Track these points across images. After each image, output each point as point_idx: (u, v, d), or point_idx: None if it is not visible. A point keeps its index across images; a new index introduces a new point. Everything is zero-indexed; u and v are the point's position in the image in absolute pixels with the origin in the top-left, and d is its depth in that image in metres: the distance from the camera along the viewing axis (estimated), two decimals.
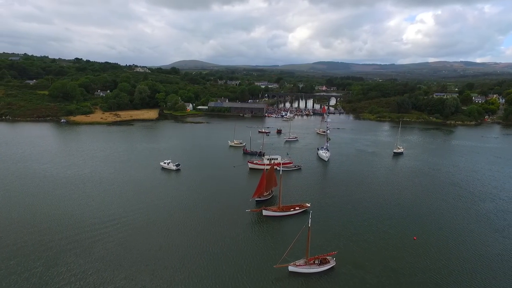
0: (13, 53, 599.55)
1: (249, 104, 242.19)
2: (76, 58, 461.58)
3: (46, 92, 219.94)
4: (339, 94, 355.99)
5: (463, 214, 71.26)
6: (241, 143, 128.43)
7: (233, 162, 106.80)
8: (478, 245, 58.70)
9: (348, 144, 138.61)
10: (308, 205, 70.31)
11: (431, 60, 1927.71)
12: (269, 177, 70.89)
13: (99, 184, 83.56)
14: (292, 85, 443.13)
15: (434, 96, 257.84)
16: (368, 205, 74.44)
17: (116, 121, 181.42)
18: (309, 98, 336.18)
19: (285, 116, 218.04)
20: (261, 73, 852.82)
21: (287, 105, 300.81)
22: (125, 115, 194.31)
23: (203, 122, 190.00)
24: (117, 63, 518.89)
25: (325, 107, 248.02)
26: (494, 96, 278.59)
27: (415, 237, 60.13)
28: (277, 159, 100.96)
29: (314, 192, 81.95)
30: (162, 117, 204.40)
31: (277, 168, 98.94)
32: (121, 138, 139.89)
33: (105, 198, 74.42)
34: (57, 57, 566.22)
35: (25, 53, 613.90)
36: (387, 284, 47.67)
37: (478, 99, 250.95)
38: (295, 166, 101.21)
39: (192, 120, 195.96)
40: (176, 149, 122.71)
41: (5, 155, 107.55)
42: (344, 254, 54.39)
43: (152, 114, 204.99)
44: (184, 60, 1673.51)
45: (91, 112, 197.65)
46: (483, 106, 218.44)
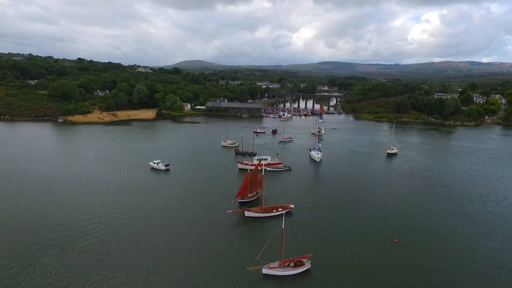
0: (18, 53, 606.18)
1: (247, 104, 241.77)
2: (79, 58, 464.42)
3: (46, 92, 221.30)
4: (340, 94, 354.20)
5: (450, 216, 70.24)
6: (234, 143, 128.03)
7: (224, 163, 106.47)
8: (461, 248, 57.75)
9: (343, 145, 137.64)
10: (292, 206, 69.68)
11: (437, 60, 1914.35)
12: (253, 178, 70.27)
13: (87, 184, 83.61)
14: (293, 85, 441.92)
15: (435, 96, 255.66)
16: (355, 207, 73.67)
17: (113, 121, 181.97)
18: (310, 98, 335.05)
19: (283, 116, 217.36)
20: (264, 73, 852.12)
21: (287, 105, 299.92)
22: (123, 115, 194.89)
23: (200, 122, 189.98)
24: (120, 63, 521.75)
25: (323, 107, 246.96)
26: (497, 96, 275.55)
27: (396, 240, 59.29)
28: (267, 160, 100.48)
29: (301, 193, 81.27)
30: (160, 117, 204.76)
31: (266, 169, 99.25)
32: (116, 138, 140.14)
33: (90, 198, 74.36)
34: (62, 58, 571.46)
35: (30, 53, 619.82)
36: (362, 287, 47.03)
37: (479, 100, 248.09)
38: (285, 167, 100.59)
39: (189, 120, 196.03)
40: (169, 149, 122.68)
41: None
42: (323, 256, 53.81)
43: (150, 114, 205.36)
44: (188, 61, 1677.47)
45: (89, 112, 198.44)
46: (483, 107, 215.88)
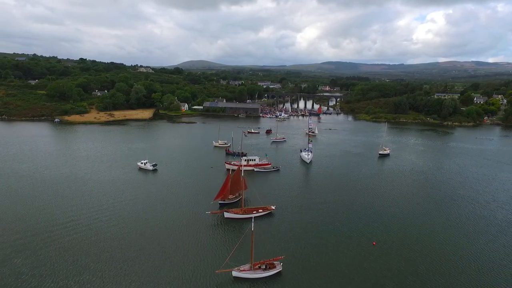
0: (23, 54, 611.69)
1: (244, 104, 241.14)
2: (81, 59, 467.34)
3: (45, 92, 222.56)
4: (340, 95, 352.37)
5: (433, 219, 69.16)
6: (226, 144, 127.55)
7: (214, 163, 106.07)
8: (440, 252, 56.71)
9: (336, 145, 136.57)
10: (273, 208, 69.04)
11: (442, 60, 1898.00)
12: (235, 180, 69.60)
13: (72, 184, 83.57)
14: (294, 86, 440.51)
15: (435, 97, 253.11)
16: (339, 209, 72.83)
17: (109, 121, 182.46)
18: (310, 99, 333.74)
19: (279, 117, 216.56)
20: (267, 73, 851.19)
21: (287, 106, 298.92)
22: (119, 115, 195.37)
23: (196, 122, 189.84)
24: (123, 63, 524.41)
25: (321, 108, 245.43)
26: (499, 97, 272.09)
27: (374, 243, 58.38)
28: (255, 160, 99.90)
29: (286, 194, 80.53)
30: (157, 117, 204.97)
31: (254, 169, 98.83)
32: (109, 138, 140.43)
33: (73, 199, 74.24)
34: (66, 58, 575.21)
35: (35, 54, 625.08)
36: None
37: (480, 100, 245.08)
38: (274, 167, 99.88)
39: (185, 120, 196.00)
40: (161, 149, 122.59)
41: None
42: (297, 259, 53.20)
43: (147, 114, 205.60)
44: (192, 61, 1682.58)
45: (86, 112, 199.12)
46: (483, 107, 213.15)
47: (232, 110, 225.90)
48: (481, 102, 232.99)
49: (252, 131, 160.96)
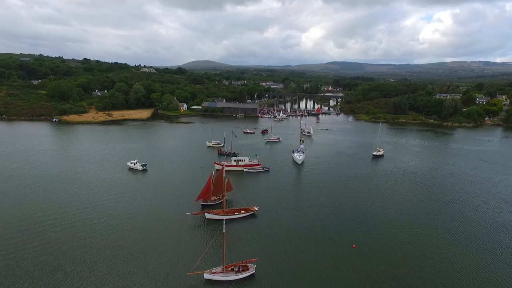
0: (29, 54, 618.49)
1: (243, 105, 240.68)
2: (84, 59, 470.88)
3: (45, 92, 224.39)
4: (341, 95, 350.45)
5: (421, 221, 68.04)
6: (219, 144, 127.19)
7: (205, 163, 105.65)
8: (420, 255, 55.66)
9: (330, 146, 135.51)
10: (256, 209, 68.43)
11: (448, 60, 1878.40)
12: (217, 181, 69.04)
13: (60, 184, 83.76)
14: (296, 86, 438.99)
15: (437, 97, 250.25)
16: (324, 210, 72.02)
17: (107, 121, 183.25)
18: (311, 99, 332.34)
19: (278, 117, 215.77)
20: (271, 74, 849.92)
21: (287, 106, 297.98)
22: (117, 115, 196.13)
23: (193, 122, 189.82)
24: (126, 64, 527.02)
25: (320, 108, 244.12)
26: (503, 97, 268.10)
27: (354, 245, 57.48)
28: (245, 161, 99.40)
29: (272, 195, 79.88)
30: (155, 117, 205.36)
31: (244, 170, 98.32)
32: (104, 138, 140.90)
33: (58, 198, 74.29)
34: (72, 58, 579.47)
35: (41, 54, 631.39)
36: None
37: (482, 100, 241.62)
38: (264, 168, 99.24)
39: (183, 120, 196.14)
40: (154, 149, 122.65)
41: None
42: (274, 261, 52.56)
43: (145, 114, 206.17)
44: (197, 61, 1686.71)
45: (85, 112, 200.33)
46: (484, 108, 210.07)
47: (231, 110, 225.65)
48: (483, 103, 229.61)
49: (248, 131, 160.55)
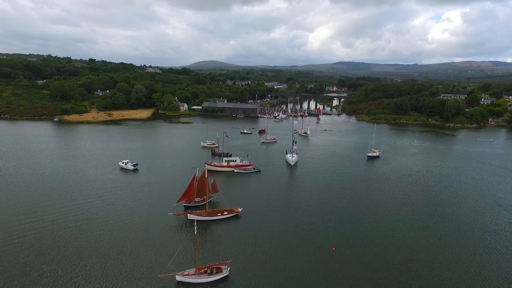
0: (38, 54, 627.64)
1: (243, 105, 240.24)
2: (90, 59, 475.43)
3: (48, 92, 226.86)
4: (344, 95, 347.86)
5: (408, 223, 66.78)
6: (214, 144, 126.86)
7: (197, 163, 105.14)
8: (400, 260, 54.50)
9: (326, 147, 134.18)
10: (240, 210, 67.84)
11: (458, 60, 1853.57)
12: (200, 183, 68.54)
13: (50, 183, 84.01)
14: (299, 86, 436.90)
15: (441, 97, 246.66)
16: (310, 212, 71.14)
17: (107, 121, 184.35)
18: (313, 99, 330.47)
19: (277, 117, 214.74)
20: (277, 74, 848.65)
21: (290, 106, 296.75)
22: (118, 115, 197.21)
23: (191, 122, 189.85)
24: (132, 64, 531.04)
25: (320, 108, 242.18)
26: (510, 98, 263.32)
27: (334, 248, 56.51)
28: (236, 161, 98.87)
29: (260, 197, 79.24)
30: (155, 117, 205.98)
31: (234, 171, 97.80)
32: (101, 138, 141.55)
33: (45, 197, 74.59)
34: (79, 58, 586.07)
35: (49, 54, 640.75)
36: None
37: (487, 101, 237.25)
38: (255, 169, 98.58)
39: (182, 120, 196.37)
40: (149, 149, 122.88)
41: None
42: (251, 263, 51.97)
43: (145, 114, 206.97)
44: (204, 61, 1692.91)
45: (86, 112, 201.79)
46: (488, 108, 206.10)
47: (231, 110, 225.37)
48: (487, 103, 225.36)
49: (245, 132, 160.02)
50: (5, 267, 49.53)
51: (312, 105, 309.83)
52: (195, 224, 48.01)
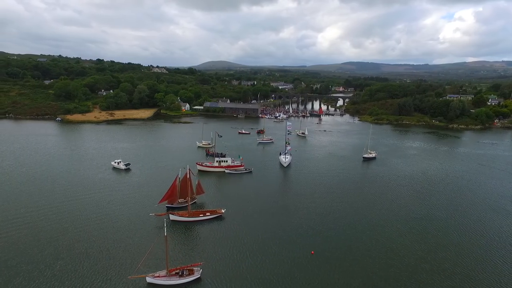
0: (49, 55, 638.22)
1: (244, 105, 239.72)
2: (98, 59, 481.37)
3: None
4: (349, 95, 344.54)
5: (395, 228, 65.20)
6: (209, 144, 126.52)
7: (190, 163, 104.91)
8: (385, 265, 53.11)
9: (323, 148, 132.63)
10: (223, 211, 67.25)
11: (470, 60, 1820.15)
12: (183, 184, 68.12)
13: (41, 183, 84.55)
14: (305, 86, 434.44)
15: (447, 98, 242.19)
16: (296, 214, 70.20)
17: (107, 120, 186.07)
18: (318, 100, 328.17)
19: (278, 117, 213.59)
20: (284, 74, 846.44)
21: (294, 106, 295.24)
22: (119, 115, 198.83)
23: (192, 122, 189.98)
24: (140, 64, 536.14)
25: (322, 109, 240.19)
26: None
27: (313, 252, 55.44)
28: (227, 162, 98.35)
29: (247, 198, 78.57)
30: (156, 117, 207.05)
31: (225, 171, 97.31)
32: (99, 137, 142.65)
33: (33, 197, 75.08)
34: (89, 59, 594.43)
35: (60, 55, 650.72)
36: None
37: (494, 101, 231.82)
38: (246, 169, 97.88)
39: (183, 120, 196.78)
40: (145, 149, 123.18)
41: None
42: (225, 265, 51.33)
43: (147, 114, 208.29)
44: (213, 61, 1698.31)
45: (89, 111, 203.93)
46: (495, 109, 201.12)
47: (232, 111, 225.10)
48: (494, 104, 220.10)
49: (243, 132, 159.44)
50: None
51: (317, 106, 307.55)
52: (165, 226, 47.55)
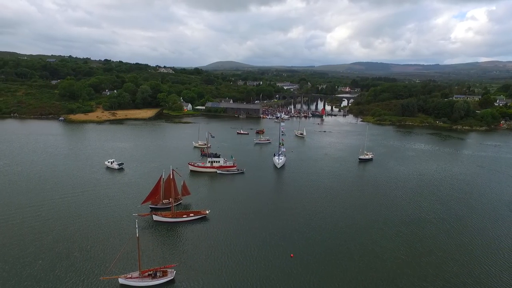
0: (59, 55, 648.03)
1: (245, 105, 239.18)
2: (106, 59, 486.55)
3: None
4: (354, 96, 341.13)
5: (381, 231, 63.91)
6: (205, 144, 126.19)
7: (184, 164, 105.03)
8: (366, 269, 52.05)
9: (320, 148, 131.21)
10: (207, 212, 66.79)
11: (482, 60, 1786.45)
12: (166, 185, 67.86)
13: (34, 182, 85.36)
14: (311, 86, 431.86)
15: (454, 99, 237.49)
16: (281, 216, 69.42)
17: (109, 120, 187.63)
18: (322, 100, 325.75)
19: (279, 118, 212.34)
20: (292, 74, 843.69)
21: (298, 106, 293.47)
22: (121, 114, 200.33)
23: (192, 122, 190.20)
24: (147, 64, 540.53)
25: (324, 109, 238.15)
26: None
27: (292, 255, 54.56)
28: (219, 162, 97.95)
29: (235, 199, 78.07)
30: (158, 117, 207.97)
31: (217, 172, 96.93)
32: (98, 136, 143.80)
33: (21, 196, 75.89)
34: (98, 59, 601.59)
35: (70, 55, 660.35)
36: None
37: (502, 102, 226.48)
38: (238, 170, 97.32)
39: (183, 120, 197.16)
40: (141, 148, 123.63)
41: None
42: (203, 267, 50.91)
43: (148, 114, 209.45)
44: (221, 61, 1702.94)
45: (92, 111, 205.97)
46: (501, 110, 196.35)
47: (233, 111, 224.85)
48: (501, 105, 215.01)
49: (242, 132, 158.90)
50: None
51: (321, 106, 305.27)
52: (137, 227, 47.24)
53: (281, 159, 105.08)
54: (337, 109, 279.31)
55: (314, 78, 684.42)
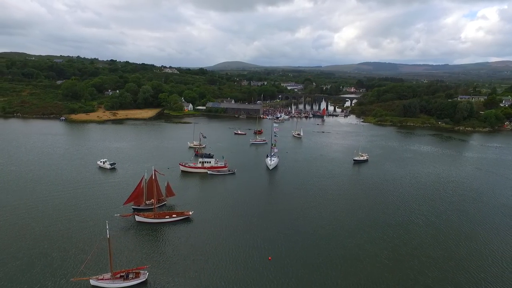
0: (68, 56, 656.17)
1: (246, 105, 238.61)
2: (111, 60, 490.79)
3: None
4: (357, 96, 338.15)
5: (367, 234, 62.63)
6: (200, 145, 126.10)
7: (177, 164, 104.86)
8: (345, 273, 51.03)
9: (316, 149, 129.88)
10: (190, 213, 66.33)
11: (493, 60, 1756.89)
12: (149, 186, 67.54)
13: (27, 181, 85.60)
14: (315, 86, 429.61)
15: (459, 99, 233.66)
16: (266, 218, 68.60)
17: (110, 120, 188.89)
18: (325, 100, 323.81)
19: (279, 118, 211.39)
20: (298, 74, 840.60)
21: (300, 107, 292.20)
22: (122, 114, 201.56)
23: (191, 123, 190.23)
24: (153, 64, 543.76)
25: (325, 110, 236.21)
26: None
27: (270, 258, 53.73)
28: (210, 163, 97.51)
29: (222, 200, 77.53)
30: (158, 117, 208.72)
31: (208, 172, 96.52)
32: (96, 136, 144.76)
33: (10, 194, 76.40)
34: (105, 59, 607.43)
35: (78, 56, 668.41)
36: None
37: (508, 103, 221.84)
38: (229, 171, 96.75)
39: (183, 120, 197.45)
40: (136, 148, 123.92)
41: None
42: (178, 269, 50.38)
43: (149, 114, 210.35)
44: (228, 62, 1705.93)
45: (93, 111, 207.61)
46: (505, 111, 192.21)
47: (234, 111, 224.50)
48: (507, 105, 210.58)
49: (239, 132, 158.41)
50: None
51: (324, 106, 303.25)
52: (107, 228, 46.92)
53: (274, 160, 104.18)
54: (340, 110, 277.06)
55: (320, 79, 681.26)
